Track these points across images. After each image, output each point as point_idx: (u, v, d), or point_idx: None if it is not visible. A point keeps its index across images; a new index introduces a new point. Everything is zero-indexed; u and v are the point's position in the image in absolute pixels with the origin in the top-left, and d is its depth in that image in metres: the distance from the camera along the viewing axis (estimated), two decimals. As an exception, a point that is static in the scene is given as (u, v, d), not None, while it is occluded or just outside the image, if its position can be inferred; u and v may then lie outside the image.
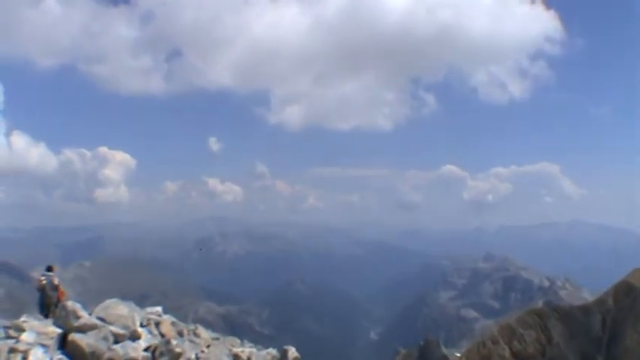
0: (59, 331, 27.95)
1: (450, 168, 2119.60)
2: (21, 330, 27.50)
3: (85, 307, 30.10)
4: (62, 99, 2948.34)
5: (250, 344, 39.21)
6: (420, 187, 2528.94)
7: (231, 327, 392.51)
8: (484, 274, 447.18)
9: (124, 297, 34.20)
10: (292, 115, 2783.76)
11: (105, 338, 28.24)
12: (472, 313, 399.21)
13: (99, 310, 30.20)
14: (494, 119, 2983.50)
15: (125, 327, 29.53)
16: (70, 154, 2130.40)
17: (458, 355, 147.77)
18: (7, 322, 28.64)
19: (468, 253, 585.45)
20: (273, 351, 38.28)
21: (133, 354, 28.27)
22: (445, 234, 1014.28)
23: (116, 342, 28.70)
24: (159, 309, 34.88)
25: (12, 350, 25.68)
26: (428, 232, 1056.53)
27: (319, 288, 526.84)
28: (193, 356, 30.75)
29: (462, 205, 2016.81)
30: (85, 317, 28.75)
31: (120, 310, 30.32)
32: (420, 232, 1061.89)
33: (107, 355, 27.55)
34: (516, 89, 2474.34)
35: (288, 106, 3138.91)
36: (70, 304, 28.99)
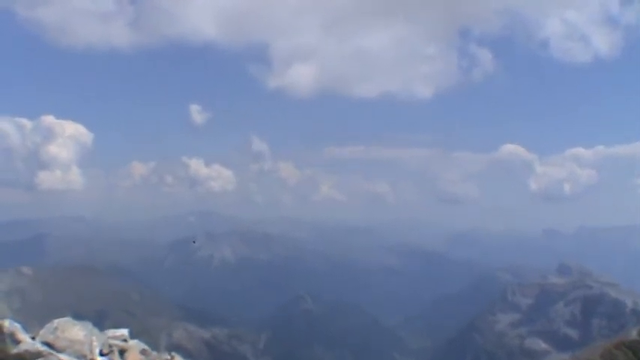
0: (-8, 359, 27.88)
1: (511, 148, 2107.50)
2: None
3: (25, 327, 29.97)
4: None
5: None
6: (472, 174, 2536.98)
7: (218, 356, 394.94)
8: (557, 292, 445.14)
9: (77, 315, 34.04)
10: (300, 77, 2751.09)
11: (53, 370, 28.12)
12: (541, 345, 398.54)
13: (45, 332, 30.01)
14: (572, 84, 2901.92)
15: (80, 355, 29.44)
16: (3, 124, 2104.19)
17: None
18: None
19: (535, 264, 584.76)
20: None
21: (89, 391, 28.18)
22: (505, 238, 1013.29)
23: (68, 375, 28.59)
24: (124, 332, 34.73)
25: None
26: (482, 235, 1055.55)
27: (336, 307, 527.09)
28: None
29: (528, 198, 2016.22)
30: (27, 342, 28.63)
31: (73, 332, 30.16)
32: (472, 235, 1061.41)
33: (56, 392, 27.44)
34: (603, 43, 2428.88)
35: (293, 65, 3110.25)
36: (7, 324, 28.84)
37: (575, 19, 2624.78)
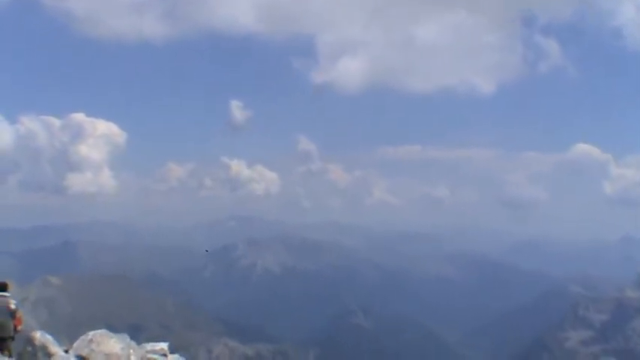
0: (23, 373, 27.98)
1: (583, 148, 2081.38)
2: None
3: (56, 340, 30.09)
4: (20, 45, 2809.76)
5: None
6: (540, 176, 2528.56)
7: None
8: (635, 307, 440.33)
9: (110, 328, 34.08)
10: (349, 71, 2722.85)
11: (88, 386, 28.19)
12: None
13: (79, 345, 30.03)
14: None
15: (116, 370, 29.40)
16: (31, 123, 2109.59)
17: None
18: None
19: (611, 275, 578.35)
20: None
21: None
22: (577, 246, 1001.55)
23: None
24: (164, 346, 34.70)
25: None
26: (551, 244, 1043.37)
27: (390, 322, 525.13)
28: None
29: (603, 202, 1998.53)
30: (60, 355, 28.74)
31: (109, 345, 30.19)
32: (540, 243, 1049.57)
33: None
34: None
35: (342, 58, 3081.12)
36: (39, 336, 28.98)
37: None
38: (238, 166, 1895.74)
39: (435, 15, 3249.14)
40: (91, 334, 30.45)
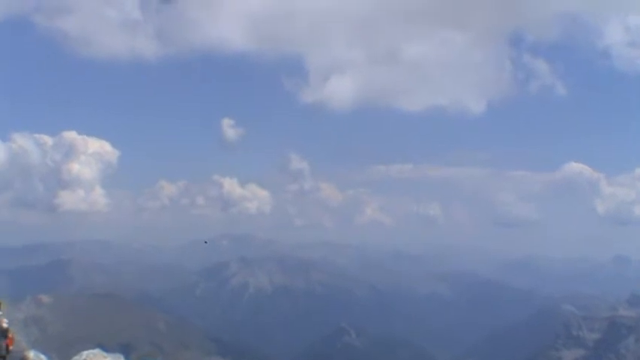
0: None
1: (574, 167, 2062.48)
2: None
3: (49, 359, 29.84)
4: (12, 64, 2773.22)
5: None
6: (532, 195, 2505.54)
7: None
8: (628, 325, 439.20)
9: (101, 347, 33.81)
10: (339, 90, 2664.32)
11: (81, 406, 27.90)
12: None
13: (73, 364, 29.80)
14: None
15: (110, 390, 29.17)
16: (22, 141, 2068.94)
17: None
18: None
19: (603, 294, 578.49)
20: None
21: None
22: (569, 265, 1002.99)
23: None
24: (157, 365, 34.46)
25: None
26: (544, 263, 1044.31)
27: (382, 342, 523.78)
28: None
29: (595, 221, 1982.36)
30: (53, 375, 28.46)
31: (103, 365, 29.97)
32: (533, 262, 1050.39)
33: None
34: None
35: (332, 77, 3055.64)
36: (33, 356, 28.69)
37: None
38: (230, 185, 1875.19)
39: (424, 33, 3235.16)
40: (84, 353, 30.14)
